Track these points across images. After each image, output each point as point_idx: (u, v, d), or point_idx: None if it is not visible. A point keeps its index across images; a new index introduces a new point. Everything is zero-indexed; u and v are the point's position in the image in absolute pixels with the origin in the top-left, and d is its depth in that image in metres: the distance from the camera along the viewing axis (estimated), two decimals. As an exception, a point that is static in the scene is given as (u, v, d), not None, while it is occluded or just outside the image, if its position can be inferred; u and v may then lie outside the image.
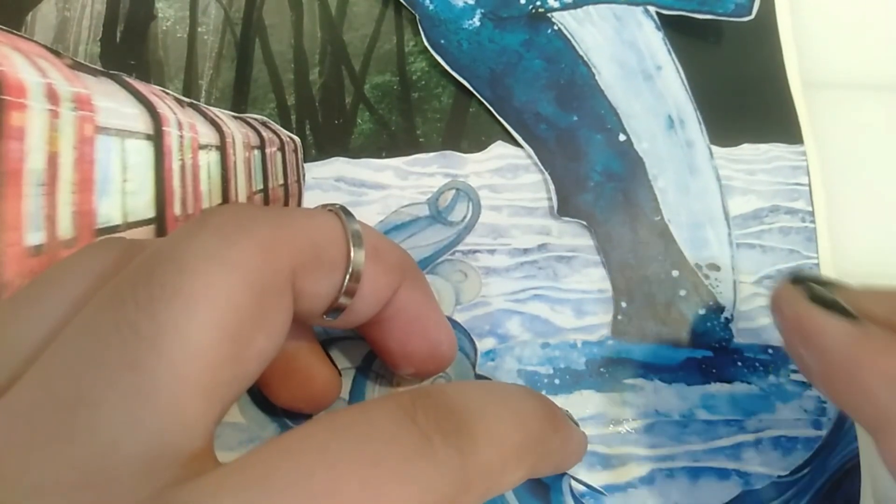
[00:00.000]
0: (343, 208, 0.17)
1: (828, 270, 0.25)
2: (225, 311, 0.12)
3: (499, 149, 0.26)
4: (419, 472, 0.11)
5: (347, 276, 0.16)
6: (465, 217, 0.25)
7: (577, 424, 0.18)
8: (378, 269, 0.17)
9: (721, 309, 0.24)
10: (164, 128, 0.23)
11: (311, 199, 0.25)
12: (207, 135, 0.24)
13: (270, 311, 0.14)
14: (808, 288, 0.16)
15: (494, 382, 0.15)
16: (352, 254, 0.16)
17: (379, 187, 0.25)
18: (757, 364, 0.24)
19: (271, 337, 0.14)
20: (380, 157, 0.25)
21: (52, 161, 0.20)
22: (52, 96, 0.20)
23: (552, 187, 0.25)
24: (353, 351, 0.23)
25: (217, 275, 0.12)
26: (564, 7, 0.27)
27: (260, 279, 0.13)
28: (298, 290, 0.15)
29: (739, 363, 0.24)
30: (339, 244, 0.16)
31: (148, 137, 0.22)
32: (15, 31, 0.25)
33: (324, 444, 0.11)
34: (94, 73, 0.23)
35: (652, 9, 0.27)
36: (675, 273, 0.25)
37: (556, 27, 0.27)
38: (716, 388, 0.24)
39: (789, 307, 0.16)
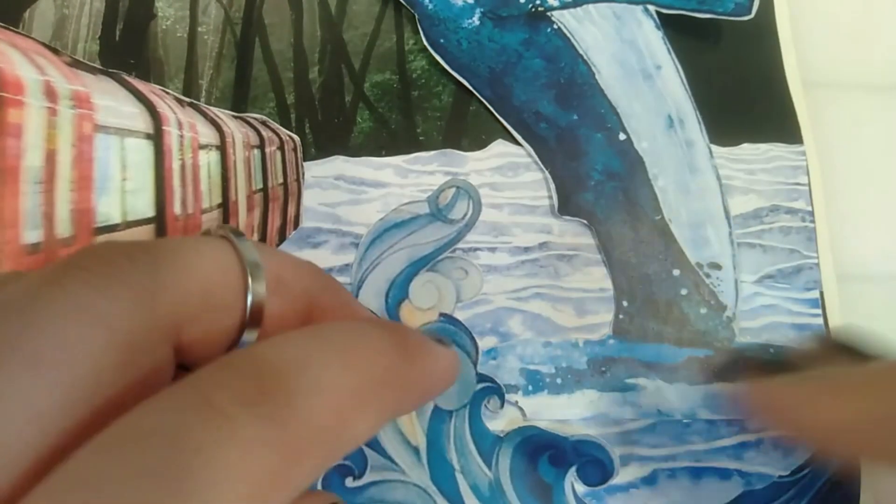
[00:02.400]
0: (235, 231, 0.15)
1: (827, 269, 0.25)
2: (80, 373, 0.10)
3: (499, 147, 0.26)
4: (224, 461, 0.09)
5: (247, 318, 0.14)
6: (465, 215, 0.25)
7: (447, 345, 0.16)
8: (283, 301, 0.15)
9: (723, 308, 0.24)
10: (163, 127, 0.23)
11: (310, 198, 0.25)
12: (207, 134, 0.24)
13: (141, 369, 0.12)
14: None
15: (325, 324, 0.13)
16: (249, 294, 0.14)
17: (379, 185, 0.25)
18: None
19: (141, 396, 0.12)
20: (380, 155, 0.25)
21: (51, 159, 0.20)
22: (51, 94, 0.20)
23: (553, 186, 0.25)
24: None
25: (75, 332, 0.11)
26: (564, 6, 0.27)
27: (130, 335, 0.11)
28: (186, 340, 0.13)
29: (741, 362, 0.24)
30: (233, 284, 0.14)
31: (148, 136, 0.22)
32: (13, 28, 0.25)
33: (83, 470, 0.09)
34: (93, 71, 0.23)
35: (652, 8, 0.27)
36: (676, 272, 0.25)
37: (555, 26, 0.27)
38: (718, 387, 0.24)
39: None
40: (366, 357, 0.12)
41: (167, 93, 0.25)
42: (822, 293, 0.24)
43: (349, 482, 0.22)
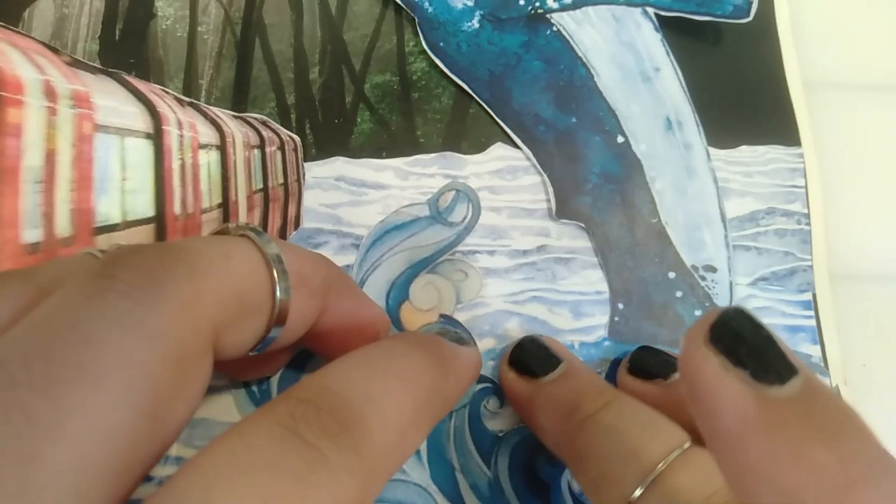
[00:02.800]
0: (256, 230, 0.15)
1: (821, 271, 0.25)
2: (142, 387, 0.11)
3: (498, 150, 0.26)
4: (317, 488, 0.10)
5: (274, 316, 0.15)
6: (465, 218, 0.25)
7: (465, 340, 0.18)
8: (304, 296, 0.16)
9: (717, 310, 0.25)
10: (163, 127, 0.23)
11: (311, 198, 0.25)
12: (207, 134, 0.24)
13: (191, 377, 0.12)
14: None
15: (375, 348, 0.14)
16: (277, 293, 0.14)
17: (379, 187, 0.25)
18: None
19: (191, 401, 0.12)
20: (380, 157, 0.25)
21: (50, 158, 0.20)
22: (50, 93, 0.20)
23: (551, 189, 0.25)
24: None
25: (132, 347, 0.11)
26: (563, 8, 0.27)
27: (180, 347, 0.12)
28: (220, 343, 0.13)
29: (735, 364, 0.24)
30: (264, 286, 0.14)
31: (148, 136, 0.22)
32: (12, 27, 0.24)
33: (206, 492, 0.10)
34: (92, 70, 0.22)
35: (650, 10, 0.27)
36: (671, 275, 0.25)
37: (554, 28, 0.27)
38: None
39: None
40: (416, 380, 0.13)
41: (167, 92, 0.25)
42: (814, 295, 0.25)
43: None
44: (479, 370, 0.18)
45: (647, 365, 0.21)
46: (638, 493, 0.16)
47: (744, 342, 0.11)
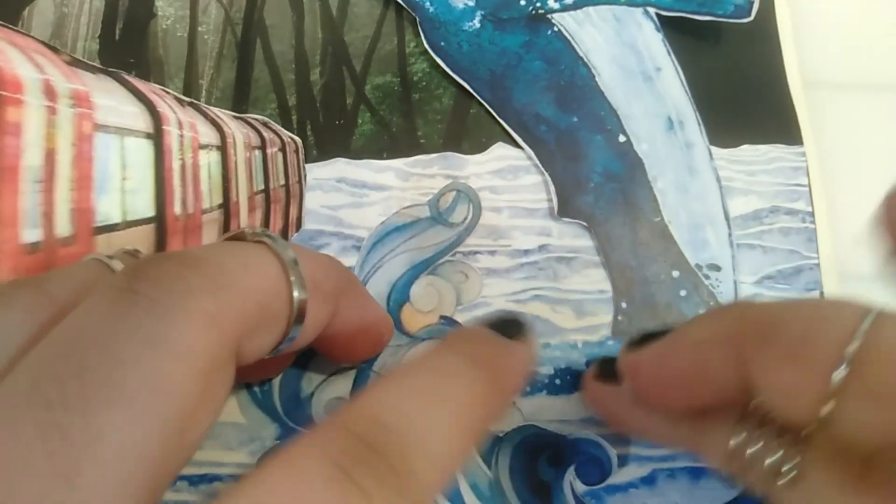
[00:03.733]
0: (271, 235, 0.15)
1: (829, 271, 0.25)
2: (172, 405, 0.11)
3: (499, 150, 0.26)
4: None
5: (292, 321, 0.15)
6: (465, 218, 0.25)
7: (524, 333, 0.16)
8: (318, 301, 0.16)
9: (721, 309, 0.24)
10: (164, 126, 0.23)
11: (312, 200, 0.25)
12: (208, 134, 0.24)
13: (216, 389, 0.12)
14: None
15: (427, 367, 0.14)
16: (295, 299, 0.15)
17: (380, 188, 0.25)
18: (757, 365, 0.24)
19: (215, 410, 0.13)
20: (381, 157, 0.25)
21: (50, 158, 0.20)
22: (50, 92, 0.20)
23: (552, 188, 0.25)
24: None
25: (161, 365, 0.11)
26: (564, 8, 0.27)
27: (207, 361, 0.12)
28: (241, 351, 0.14)
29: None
30: (281, 293, 0.14)
31: (148, 136, 0.22)
32: (11, 26, 0.24)
33: None
34: (92, 70, 0.22)
35: (651, 10, 0.27)
36: (675, 273, 0.25)
37: (555, 28, 0.27)
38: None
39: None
40: (469, 409, 0.13)
41: (167, 92, 0.25)
42: (822, 294, 0.25)
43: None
44: (534, 359, 0.17)
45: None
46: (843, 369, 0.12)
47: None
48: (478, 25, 0.27)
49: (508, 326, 0.16)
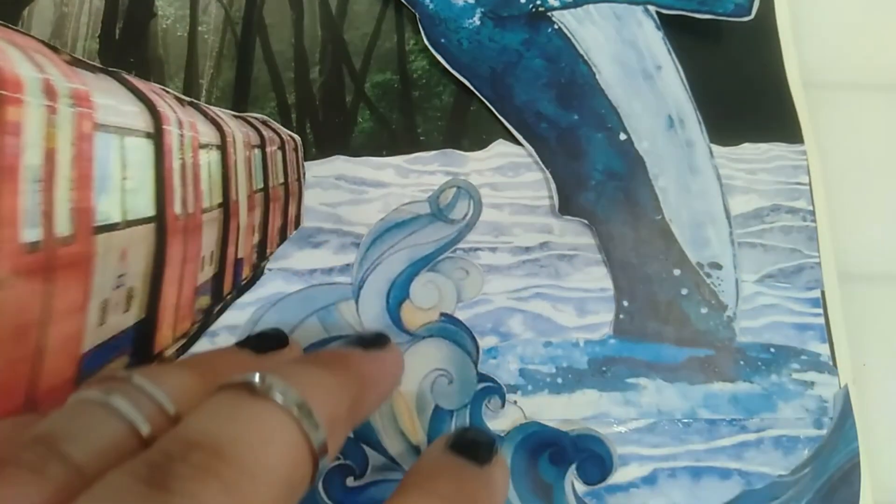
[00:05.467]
0: (274, 384, 0.15)
1: (829, 269, 0.25)
2: None
3: (500, 147, 0.26)
4: None
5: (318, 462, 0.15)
6: (466, 215, 0.25)
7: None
8: (337, 436, 0.16)
9: (723, 307, 0.24)
10: (164, 126, 0.23)
11: (311, 198, 0.25)
12: (208, 134, 0.24)
13: None
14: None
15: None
16: (316, 446, 0.14)
17: (379, 185, 0.25)
18: (759, 363, 0.24)
19: None
20: (380, 155, 0.25)
21: (50, 157, 0.19)
22: (50, 92, 0.20)
23: (553, 186, 0.25)
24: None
25: None
26: (565, 6, 0.27)
27: None
28: None
29: (742, 362, 0.24)
30: (305, 457, 0.14)
31: (148, 135, 0.22)
32: (11, 26, 0.24)
33: None
34: (92, 69, 0.22)
35: (652, 8, 0.27)
36: (676, 272, 0.25)
37: (556, 26, 0.27)
38: (718, 387, 0.24)
39: None
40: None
41: (167, 92, 0.25)
42: (823, 292, 0.24)
43: (350, 482, 0.22)
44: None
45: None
46: None
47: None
48: (478, 23, 0.27)
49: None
